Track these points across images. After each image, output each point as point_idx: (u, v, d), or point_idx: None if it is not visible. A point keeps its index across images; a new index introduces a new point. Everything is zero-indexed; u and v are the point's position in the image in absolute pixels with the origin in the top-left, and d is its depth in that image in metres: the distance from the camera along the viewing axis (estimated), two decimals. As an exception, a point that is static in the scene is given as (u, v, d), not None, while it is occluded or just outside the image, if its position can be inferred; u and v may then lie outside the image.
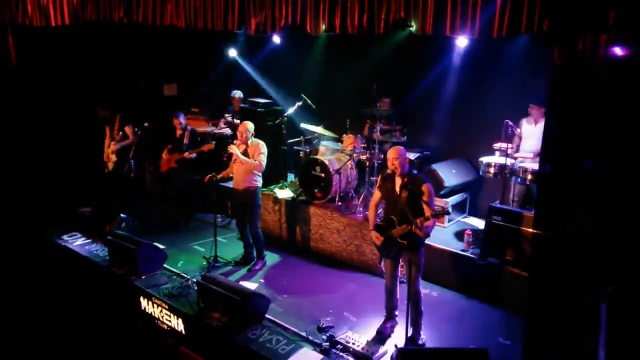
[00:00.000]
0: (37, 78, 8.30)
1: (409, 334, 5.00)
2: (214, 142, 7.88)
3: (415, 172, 5.13)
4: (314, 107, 7.81)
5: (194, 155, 7.82)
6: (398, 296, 5.39)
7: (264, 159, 6.47)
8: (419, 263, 5.12)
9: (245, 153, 6.47)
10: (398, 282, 5.41)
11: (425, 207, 4.92)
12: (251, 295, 5.37)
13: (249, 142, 6.51)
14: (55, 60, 8.34)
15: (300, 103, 7.83)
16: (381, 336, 5.26)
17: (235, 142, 6.54)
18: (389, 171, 5.13)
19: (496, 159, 6.62)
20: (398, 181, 5.05)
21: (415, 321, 5.16)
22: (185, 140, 7.92)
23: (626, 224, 4.09)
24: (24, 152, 8.32)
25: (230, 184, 8.60)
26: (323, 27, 5.65)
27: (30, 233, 7.72)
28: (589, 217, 4.19)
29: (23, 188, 8.24)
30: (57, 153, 8.40)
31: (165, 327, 5.80)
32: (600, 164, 4.14)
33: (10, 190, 8.17)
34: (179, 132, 7.97)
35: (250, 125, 6.56)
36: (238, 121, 8.85)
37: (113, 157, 8.09)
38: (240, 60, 9.73)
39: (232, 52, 9.61)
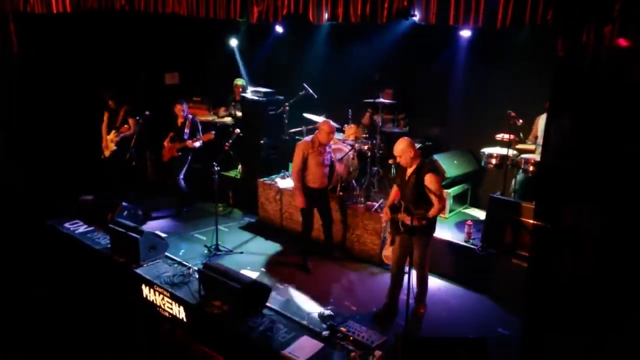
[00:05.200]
0: (38, 65, 8.28)
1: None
2: (213, 132, 7.88)
3: (426, 160, 5.20)
4: (315, 96, 7.79)
5: (197, 143, 7.81)
6: (402, 285, 5.44)
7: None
8: (421, 249, 5.20)
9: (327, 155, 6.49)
10: (404, 271, 5.46)
11: (431, 196, 5.00)
12: (252, 284, 5.38)
13: None
14: (56, 48, 8.32)
15: (302, 92, 7.81)
16: (376, 319, 5.37)
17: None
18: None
19: (498, 149, 6.61)
20: (409, 169, 5.19)
21: (418, 296, 5.35)
22: (186, 129, 7.91)
23: (626, 219, 4.09)
24: (25, 140, 8.32)
25: (232, 173, 8.69)
26: (325, 16, 5.63)
27: (31, 220, 7.74)
28: (589, 211, 4.19)
29: (24, 175, 8.25)
30: (58, 140, 8.40)
31: (166, 314, 5.85)
32: (601, 159, 4.13)
33: (11, 177, 8.19)
34: (180, 121, 7.95)
35: None
36: (240, 113, 8.86)
37: (112, 146, 8.10)
38: (242, 49, 9.69)
39: (234, 41, 9.57)
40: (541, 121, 6.47)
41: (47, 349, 6.13)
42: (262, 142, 8.10)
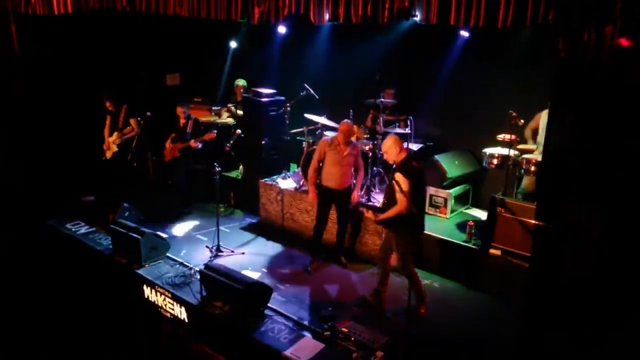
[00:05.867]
0: (39, 66, 8.29)
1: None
2: (215, 131, 7.89)
3: (410, 162, 5.21)
4: (317, 97, 7.79)
5: (199, 144, 7.81)
6: (386, 281, 5.58)
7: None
8: (399, 250, 5.31)
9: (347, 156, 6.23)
10: (388, 268, 5.58)
11: (396, 194, 5.07)
12: (253, 285, 5.39)
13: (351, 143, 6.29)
14: (58, 49, 8.33)
15: (303, 93, 7.81)
16: (362, 304, 5.62)
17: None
18: None
19: (499, 150, 6.61)
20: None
21: (416, 296, 5.41)
22: (188, 129, 7.92)
23: (626, 219, 4.09)
24: (26, 140, 8.33)
25: (233, 174, 8.69)
26: (327, 16, 5.63)
27: (31, 220, 7.75)
28: (589, 211, 4.19)
29: (24, 175, 8.26)
30: (59, 140, 8.41)
31: (168, 315, 5.86)
32: (601, 158, 4.13)
33: (11, 177, 8.20)
34: (182, 121, 7.97)
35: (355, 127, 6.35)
36: (241, 112, 8.87)
37: (114, 147, 8.12)
38: (243, 50, 9.71)
39: (235, 42, 9.58)
40: (543, 117, 6.45)
41: (47, 349, 6.15)
42: (263, 142, 8.10)
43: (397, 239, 5.29)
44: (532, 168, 6.20)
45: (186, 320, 5.67)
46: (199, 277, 5.77)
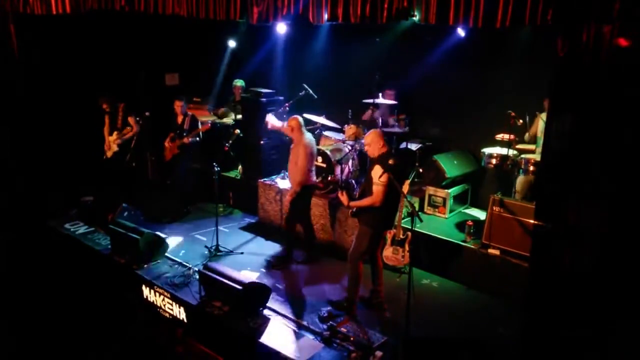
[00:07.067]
0: (38, 67, 8.29)
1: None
2: (210, 122, 7.88)
3: (391, 157, 5.18)
4: (315, 97, 7.79)
5: (191, 139, 7.79)
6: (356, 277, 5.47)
7: (306, 160, 6.27)
8: (356, 240, 5.35)
9: (292, 151, 6.42)
10: (378, 266, 5.60)
11: (372, 186, 5.09)
12: (252, 285, 5.39)
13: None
14: (57, 49, 8.33)
15: (302, 93, 7.81)
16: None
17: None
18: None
19: (498, 150, 6.61)
20: None
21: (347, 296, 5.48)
22: (186, 126, 7.90)
23: (626, 219, 4.09)
24: (26, 141, 8.33)
25: (232, 174, 8.69)
26: (325, 16, 5.62)
27: (32, 221, 7.74)
28: (589, 210, 4.19)
29: (25, 177, 8.26)
30: (59, 142, 8.42)
31: (167, 315, 5.85)
32: (601, 158, 4.13)
33: (12, 178, 8.19)
34: (179, 118, 7.95)
35: (299, 120, 6.39)
36: (240, 115, 8.87)
37: (114, 147, 8.12)
38: (242, 50, 9.71)
39: (234, 42, 9.59)
40: (541, 120, 6.45)
41: (47, 349, 6.13)
42: (262, 142, 8.10)
43: (362, 229, 5.30)
44: (531, 168, 6.21)
45: (185, 321, 5.66)
46: (197, 277, 5.76)
